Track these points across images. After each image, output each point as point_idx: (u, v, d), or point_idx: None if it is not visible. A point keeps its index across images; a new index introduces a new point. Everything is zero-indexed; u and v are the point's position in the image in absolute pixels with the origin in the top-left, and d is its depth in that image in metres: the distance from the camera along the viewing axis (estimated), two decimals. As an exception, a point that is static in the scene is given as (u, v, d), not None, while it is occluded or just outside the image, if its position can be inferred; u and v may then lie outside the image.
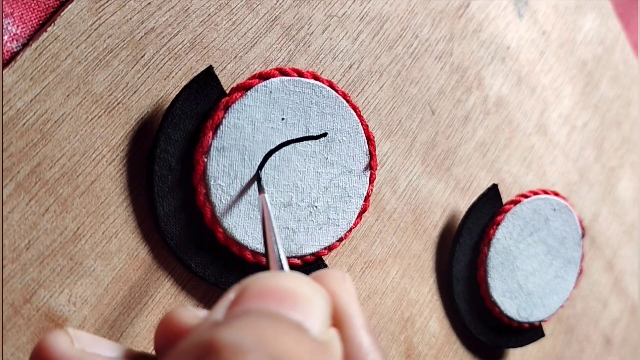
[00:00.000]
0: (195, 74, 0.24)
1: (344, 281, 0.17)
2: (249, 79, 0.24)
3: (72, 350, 0.17)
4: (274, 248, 0.19)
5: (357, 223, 0.27)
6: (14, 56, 0.21)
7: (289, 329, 0.14)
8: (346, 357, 0.15)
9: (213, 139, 0.23)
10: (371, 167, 0.27)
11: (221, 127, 0.24)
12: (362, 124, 0.27)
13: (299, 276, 0.16)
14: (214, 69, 0.24)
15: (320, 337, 0.14)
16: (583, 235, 0.36)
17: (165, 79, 0.24)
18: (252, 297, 0.15)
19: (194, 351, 0.13)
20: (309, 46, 0.28)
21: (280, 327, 0.13)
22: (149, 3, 0.24)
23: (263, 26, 0.27)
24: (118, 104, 0.23)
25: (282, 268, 0.18)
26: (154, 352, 0.18)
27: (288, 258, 0.26)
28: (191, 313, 0.18)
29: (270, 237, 0.20)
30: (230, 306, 0.15)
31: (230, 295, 0.15)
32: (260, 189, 0.24)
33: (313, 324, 0.14)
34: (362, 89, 0.30)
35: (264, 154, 0.24)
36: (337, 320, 0.16)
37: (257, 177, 0.24)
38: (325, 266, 0.27)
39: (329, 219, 0.26)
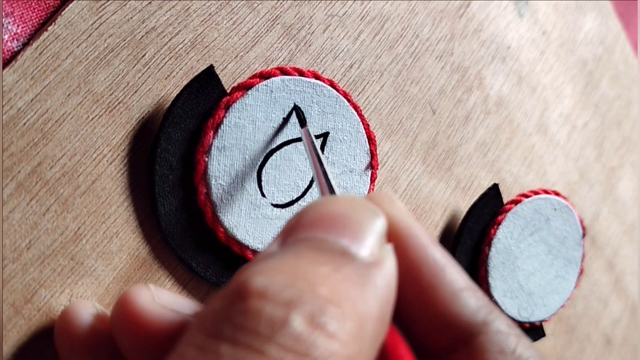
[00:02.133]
0: (196, 74, 0.24)
1: (394, 202, 0.17)
2: (250, 78, 0.24)
3: (153, 304, 0.18)
4: (322, 177, 0.19)
5: (358, 223, 0.27)
6: (14, 55, 0.21)
7: (330, 257, 0.14)
8: (419, 277, 0.15)
9: (214, 138, 0.23)
10: (372, 166, 0.27)
11: (222, 126, 0.24)
12: (363, 124, 0.27)
13: (352, 199, 0.15)
14: (215, 68, 0.24)
15: (369, 259, 0.14)
16: (584, 235, 0.36)
17: (166, 78, 0.24)
18: (305, 225, 0.15)
19: (230, 294, 0.13)
20: (309, 46, 0.28)
21: (321, 257, 0.13)
22: (150, 2, 0.24)
23: (264, 26, 0.27)
24: (119, 103, 0.23)
25: (332, 190, 0.18)
26: None
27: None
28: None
29: (317, 167, 0.20)
30: (285, 235, 0.15)
31: (291, 222, 0.15)
32: (302, 123, 0.24)
33: (361, 246, 0.14)
34: (363, 88, 0.30)
35: (269, 147, 0.24)
36: (400, 241, 0.16)
37: (297, 110, 0.24)
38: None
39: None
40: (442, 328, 0.16)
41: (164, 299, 0.19)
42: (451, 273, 0.16)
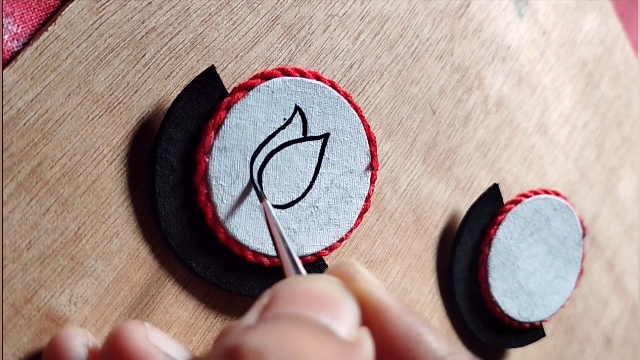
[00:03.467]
0: (196, 74, 0.24)
1: (360, 272, 0.17)
2: (251, 78, 0.24)
3: (146, 342, 0.18)
4: (285, 253, 0.19)
5: (358, 223, 0.27)
6: (14, 55, 0.21)
7: (315, 331, 0.14)
8: (394, 352, 0.15)
9: (215, 139, 0.23)
10: (372, 167, 0.27)
11: (223, 127, 0.24)
12: (363, 125, 0.27)
13: (328, 279, 0.16)
14: (215, 68, 0.24)
15: (349, 338, 0.14)
16: (584, 235, 0.36)
17: (166, 78, 0.24)
18: (282, 302, 0.15)
19: (223, 355, 0.13)
20: (309, 46, 0.28)
21: (306, 330, 0.14)
22: (150, 2, 0.24)
23: (264, 26, 0.27)
24: (119, 103, 0.23)
25: (298, 272, 0.18)
26: None
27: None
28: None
29: (280, 243, 0.20)
30: (262, 311, 0.15)
31: (264, 299, 0.15)
32: (261, 197, 0.23)
33: (341, 325, 0.14)
34: (363, 88, 0.30)
35: (262, 157, 0.24)
36: (369, 315, 0.16)
37: (253, 185, 0.24)
38: (326, 266, 0.27)
39: (330, 219, 0.26)
40: None
41: (157, 340, 0.19)
42: (427, 343, 0.16)
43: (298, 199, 0.25)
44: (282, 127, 0.25)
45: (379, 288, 0.16)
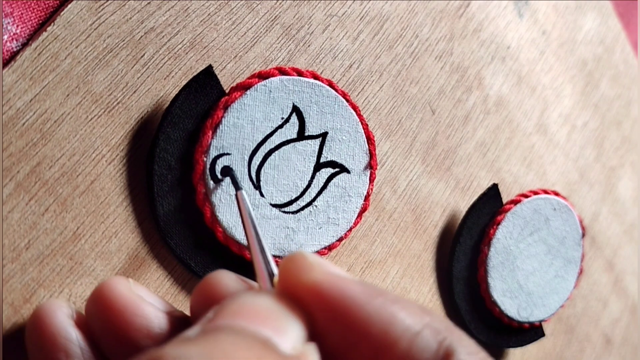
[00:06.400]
0: (195, 74, 0.24)
1: (312, 264, 0.16)
2: (249, 78, 0.24)
3: (130, 293, 0.18)
4: (257, 248, 0.19)
5: (357, 222, 0.27)
6: (13, 56, 0.21)
7: (254, 344, 0.13)
8: (369, 337, 0.15)
9: (212, 138, 0.23)
10: (371, 166, 0.27)
11: (221, 126, 0.24)
12: (362, 124, 0.27)
13: (272, 296, 0.16)
14: (214, 68, 0.24)
15: (291, 352, 0.14)
16: (583, 235, 0.36)
17: (165, 78, 0.24)
18: (225, 315, 0.15)
19: None
20: (309, 46, 0.28)
21: (244, 342, 0.13)
22: (149, 3, 0.24)
23: (263, 26, 0.27)
24: (118, 103, 0.23)
25: (270, 269, 0.18)
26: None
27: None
28: (231, 280, 0.18)
29: (252, 237, 0.19)
30: (204, 324, 0.15)
31: (210, 313, 0.15)
32: (237, 186, 0.22)
33: (283, 339, 0.14)
34: (362, 88, 0.30)
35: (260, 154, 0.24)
36: (335, 306, 0.15)
37: (230, 175, 0.23)
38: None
39: (329, 218, 0.26)
40: None
41: (141, 292, 0.19)
42: (401, 321, 0.15)
43: (296, 198, 0.25)
44: (280, 126, 0.25)
45: (339, 276, 0.16)
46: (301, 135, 0.25)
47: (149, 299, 0.19)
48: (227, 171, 0.24)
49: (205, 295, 0.18)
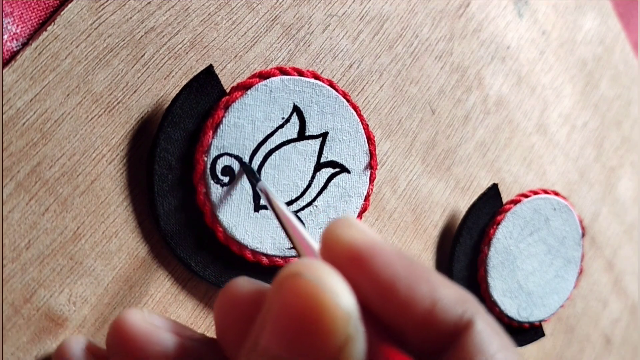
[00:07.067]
0: (195, 73, 0.24)
1: (353, 225, 0.16)
2: (249, 78, 0.24)
3: (146, 324, 0.19)
4: (298, 230, 0.19)
5: (357, 222, 0.27)
6: (13, 55, 0.21)
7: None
8: (395, 295, 0.15)
9: (213, 138, 0.23)
10: (371, 166, 0.27)
11: (221, 126, 0.24)
12: (362, 124, 0.27)
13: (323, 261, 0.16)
14: (214, 68, 0.24)
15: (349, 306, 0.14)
16: (583, 235, 0.36)
17: (165, 78, 0.24)
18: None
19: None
20: (309, 45, 0.28)
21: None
22: (149, 2, 0.24)
23: (263, 25, 0.27)
24: (118, 103, 0.23)
25: (310, 241, 0.18)
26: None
27: (288, 258, 0.25)
28: (249, 283, 0.18)
29: (288, 221, 0.20)
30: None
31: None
32: (255, 178, 0.23)
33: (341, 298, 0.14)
34: (362, 88, 0.30)
35: (262, 153, 0.24)
36: (369, 262, 0.16)
37: (244, 165, 0.23)
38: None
39: (329, 218, 0.26)
40: (426, 336, 0.15)
41: (156, 320, 0.19)
42: (429, 281, 0.16)
43: (297, 198, 0.25)
44: (281, 126, 0.25)
45: (373, 235, 0.16)
46: (302, 135, 0.25)
47: (164, 325, 0.19)
48: (241, 165, 0.24)
49: (230, 306, 0.18)
